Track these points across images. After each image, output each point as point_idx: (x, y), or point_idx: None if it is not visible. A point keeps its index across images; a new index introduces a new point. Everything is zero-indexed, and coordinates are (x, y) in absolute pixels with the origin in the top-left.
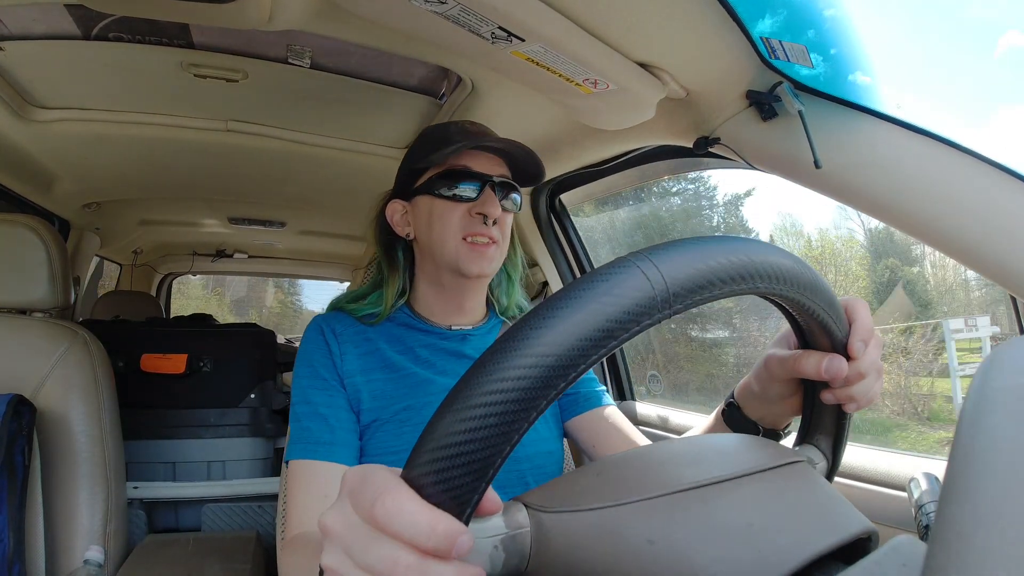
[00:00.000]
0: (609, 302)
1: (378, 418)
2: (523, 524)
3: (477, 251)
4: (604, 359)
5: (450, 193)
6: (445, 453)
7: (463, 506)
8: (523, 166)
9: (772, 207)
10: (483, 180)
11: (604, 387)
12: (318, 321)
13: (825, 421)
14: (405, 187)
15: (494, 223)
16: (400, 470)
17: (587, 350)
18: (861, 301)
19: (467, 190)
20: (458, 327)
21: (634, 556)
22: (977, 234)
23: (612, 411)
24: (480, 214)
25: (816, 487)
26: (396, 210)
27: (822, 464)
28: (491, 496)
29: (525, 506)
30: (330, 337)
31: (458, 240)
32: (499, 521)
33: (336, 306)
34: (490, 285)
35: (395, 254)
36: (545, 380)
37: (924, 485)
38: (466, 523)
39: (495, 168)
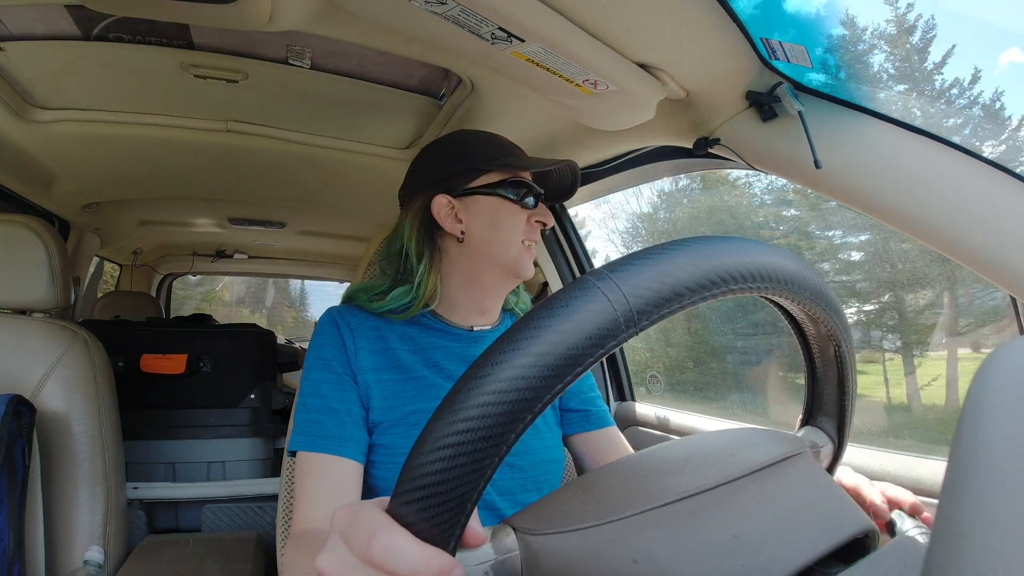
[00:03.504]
0: (570, 330)
1: (387, 419)
2: (512, 548)
3: (531, 255)
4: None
5: (520, 200)
6: (424, 492)
7: (448, 538)
8: (556, 186)
9: None
10: (539, 194)
11: (607, 406)
12: (332, 313)
13: (827, 401)
14: (454, 183)
15: None
16: (387, 501)
17: (550, 381)
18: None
19: (531, 200)
20: (479, 328)
21: None
22: (977, 234)
23: (614, 431)
24: (539, 222)
25: (813, 485)
26: (442, 204)
27: (828, 447)
28: (475, 529)
29: (513, 529)
30: (345, 331)
31: (519, 243)
32: (488, 548)
33: (352, 300)
34: None
35: (436, 249)
36: (510, 415)
37: (907, 519)
38: (452, 553)
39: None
